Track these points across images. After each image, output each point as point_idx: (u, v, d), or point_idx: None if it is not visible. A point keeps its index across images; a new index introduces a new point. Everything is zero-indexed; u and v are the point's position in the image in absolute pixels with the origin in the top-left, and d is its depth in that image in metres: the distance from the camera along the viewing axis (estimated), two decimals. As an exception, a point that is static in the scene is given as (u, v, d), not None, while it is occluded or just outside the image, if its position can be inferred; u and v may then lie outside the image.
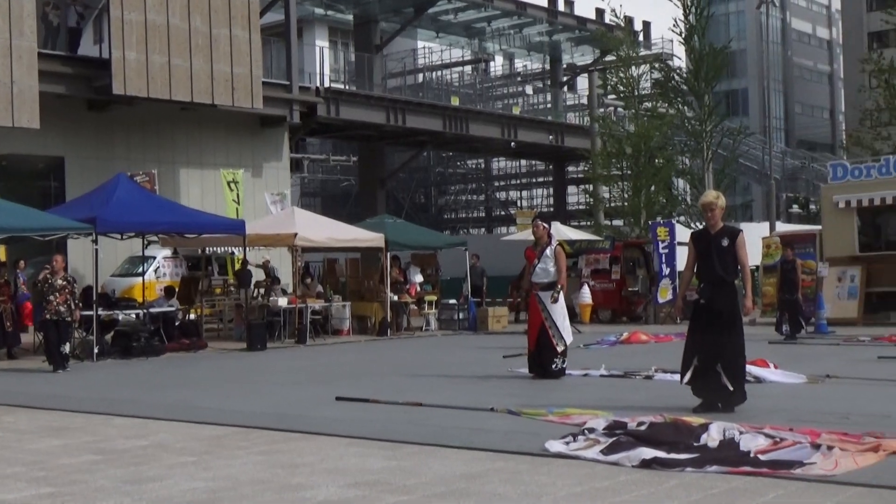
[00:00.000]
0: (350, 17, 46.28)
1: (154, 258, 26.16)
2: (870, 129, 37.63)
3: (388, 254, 24.60)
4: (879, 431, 7.78)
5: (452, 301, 27.95)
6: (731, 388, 9.56)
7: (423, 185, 63.29)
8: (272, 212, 28.00)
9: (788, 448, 7.16)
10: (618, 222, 39.91)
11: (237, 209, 27.54)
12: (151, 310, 20.55)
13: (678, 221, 32.46)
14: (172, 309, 21.23)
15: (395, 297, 25.29)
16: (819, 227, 27.44)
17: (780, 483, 6.29)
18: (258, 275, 25.44)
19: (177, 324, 21.26)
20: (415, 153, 48.65)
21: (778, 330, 21.29)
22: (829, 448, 7.00)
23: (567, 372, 13.39)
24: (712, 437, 7.50)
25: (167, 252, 26.56)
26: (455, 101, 43.85)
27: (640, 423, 7.97)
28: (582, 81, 55.21)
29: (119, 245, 24.12)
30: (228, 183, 28.31)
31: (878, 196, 24.93)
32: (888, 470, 6.51)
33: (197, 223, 21.22)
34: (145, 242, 22.52)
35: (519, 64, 59.97)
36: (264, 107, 30.74)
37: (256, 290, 24.69)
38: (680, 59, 44.83)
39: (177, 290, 23.27)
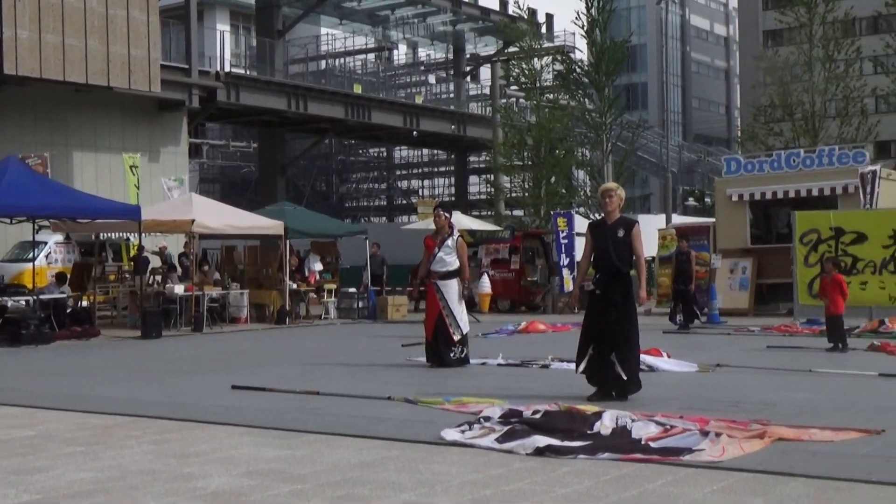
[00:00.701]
0: (252, 1, 45.73)
1: (45, 243, 25.49)
2: (763, 124, 38.55)
3: (288, 241, 24.39)
4: (766, 419, 7.99)
5: (352, 289, 27.85)
6: (625, 377, 9.70)
7: (324, 172, 62.91)
8: (169, 197, 27.51)
9: (678, 435, 7.29)
10: (518, 212, 40.25)
11: (138, 194, 27.01)
12: (42, 296, 20.01)
13: (577, 212, 32.85)
14: (64, 296, 20.73)
15: (294, 285, 25.09)
16: (713, 219, 28.04)
17: (670, 469, 6.40)
18: (154, 261, 25.00)
19: (68, 311, 20.75)
20: (316, 140, 48.33)
21: (672, 320, 21.70)
22: (717, 435, 7.15)
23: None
24: (605, 425, 7.60)
25: (59, 237, 25.91)
26: (358, 89, 43.68)
27: (535, 412, 8.04)
28: (485, 72, 55.49)
29: (9, 230, 23.48)
30: (130, 167, 27.70)
31: (769, 190, 25.56)
32: (772, 456, 6.68)
33: (90, 208, 20.72)
34: (36, 227, 21.89)
35: (422, 53, 60.00)
36: (162, 90, 30.21)
37: (152, 277, 24.25)
38: (581, 52, 45.38)
39: (69, 276, 22.71)
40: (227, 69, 38.51)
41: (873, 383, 10.88)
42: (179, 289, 22.28)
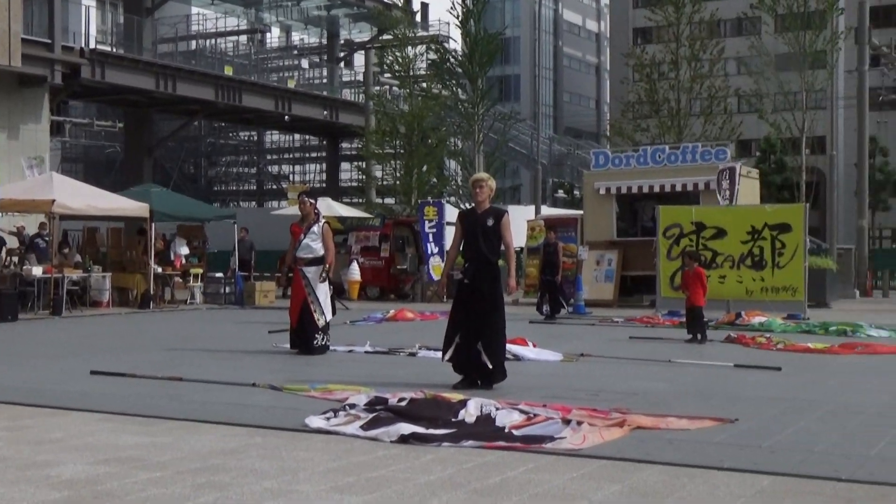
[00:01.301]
0: (120, -24, 44.51)
1: None
2: (631, 120, 39.35)
3: (153, 224, 23.85)
4: (626, 407, 8.16)
5: (219, 274, 27.43)
6: (491, 366, 9.78)
7: (193, 155, 61.77)
8: (29, 176, 26.58)
9: (541, 423, 7.39)
10: (389, 200, 40.25)
11: None
12: None
13: (448, 202, 33.03)
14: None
15: (159, 269, 24.57)
16: (581, 212, 28.52)
17: (532, 457, 6.49)
18: (12, 242, 24.13)
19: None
20: (185, 122, 47.40)
21: (539, 310, 22.03)
22: (579, 423, 7.28)
23: (332, 348, 13.40)
24: (470, 413, 7.66)
25: None
26: (229, 71, 42.99)
27: (400, 399, 8.05)
28: (359, 58, 55.25)
29: None
30: (-9, 144, 26.64)
31: (635, 184, 26.14)
32: (631, 444, 6.84)
33: (-56, 185, 19.87)
34: None
35: (296, 37, 59.38)
36: (23, 65, 29.15)
37: (8, 258, 23.41)
38: (456, 43, 45.56)
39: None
40: (92, 46, 37.39)
41: (729, 374, 11.23)
42: (38, 271, 21.57)
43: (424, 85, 39.23)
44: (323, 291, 13.35)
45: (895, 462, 6.26)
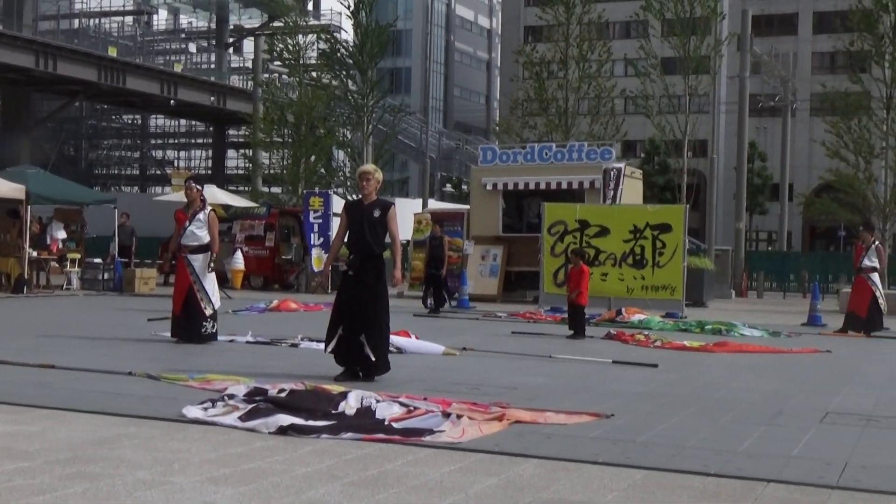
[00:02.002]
0: (0, -51, 43.01)
1: None
2: (520, 117, 39.69)
3: (29, 207, 23.14)
4: (505, 402, 8.24)
5: (97, 260, 26.77)
6: (374, 358, 9.76)
7: (73, 137, 60.15)
8: None
9: (421, 416, 7.41)
10: (276, 190, 39.86)
11: None
12: None
13: (336, 193, 32.86)
14: None
15: (35, 253, 23.87)
16: (468, 206, 28.68)
17: (411, 450, 6.49)
18: None
19: None
20: (65, 103, 46.10)
21: (423, 303, 22.09)
22: (459, 417, 7.32)
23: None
24: (350, 405, 7.63)
25: None
26: (113, 52, 41.98)
27: (280, 390, 7.97)
28: (248, 45, 54.55)
29: None
30: None
31: (522, 181, 26.39)
32: (509, 438, 6.90)
33: None
34: None
35: (184, 20, 58.34)
36: None
37: None
38: (347, 33, 45.33)
39: None
40: (-32, 20, 36.08)
41: (607, 370, 11.42)
42: None
43: (314, 74, 38.94)
44: (209, 280, 13.16)
45: (762, 458, 6.46)
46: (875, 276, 18.39)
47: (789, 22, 75.50)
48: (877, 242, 18.91)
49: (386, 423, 7.24)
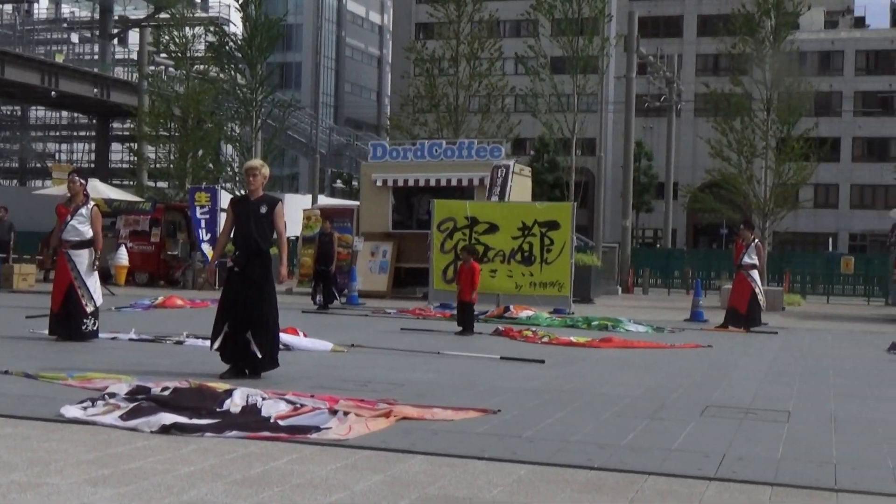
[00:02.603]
0: None
1: None
2: (410, 114, 39.69)
3: None
4: (393, 398, 8.23)
5: (-26, 256, 25.92)
6: (260, 355, 9.66)
7: (-52, 128, 58.11)
8: None
9: (307, 414, 7.35)
10: (162, 184, 39.12)
11: None
12: None
13: (224, 188, 32.40)
14: None
15: None
16: (358, 202, 28.58)
17: (296, 447, 6.44)
18: None
19: None
20: (-60, 92, 44.45)
21: (312, 299, 21.95)
22: (346, 414, 7.28)
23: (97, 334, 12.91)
24: (235, 403, 7.53)
25: None
26: (-9, 41, 40.62)
27: (164, 389, 7.83)
28: (133, 36, 53.40)
29: None
30: None
31: (412, 177, 26.42)
32: (396, 434, 6.89)
33: None
34: None
35: (66, 9, 56.81)
36: None
37: None
38: (236, 26, 44.70)
39: None
40: None
41: (496, 366, 11.50)
42: None
43: (202, 67, 38.29)
44: (91, 276, 12.84)
45: (644, 451, 6.58)
46: (755, 273, 18.91)
47: (674, 24, 77.17)
48: (756, 240, 19.45)
49: (272, 420, 7.17)
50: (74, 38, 53.46)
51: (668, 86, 47.79)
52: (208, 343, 10.21)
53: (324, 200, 46.68)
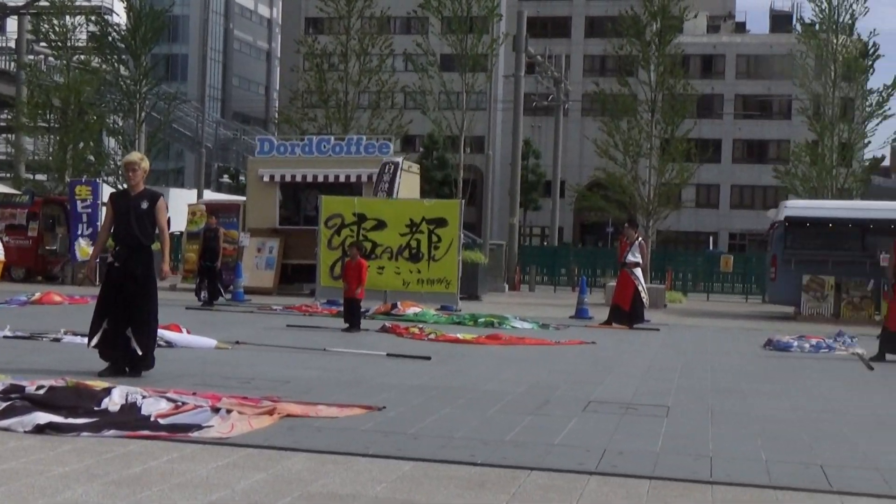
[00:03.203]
0: None
1: None
2: (300, 109, 39.40)
3: None
4: (277, 396, 8.15)
5: None
6: (141, 353, 9.46)
7: None
8: None
9: (189, 412, 7.22)
10: (41, 177, 38.05)
11: None
12: None
13: (105, 182, 31.66)
14: None
15: None
16: (245, 198, 28.24)
17: (177, 446, 6.32)
18: None
19: None
20: None
21: (197, 296, 21.62)
22: (228, 412, 7.18)
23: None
24: (114, 402, 7.35)
25: None
26: None
27: (39, 387, 7.59)
28: (11, 24, 51.75)
29: None
30: None
31: (300, 173, 26.20)
32: (279, 432, 6.83)
33: None
34: None
35: (-60, -5, 54.72)
36: None
37: None
38: (119, 16, 43.70)
39: None
40: None
41: (382, 363, 11.48)
42: None
43: (83, 58, 37.32)
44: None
45: (527, 446, 6.64)
46: (638, 271, 19.27)
47: (563, 25, 78.14)
48: (640, 239, 19.83)
49: (152, 419, 7.02)
50: (-52, 24, 51.69)
51: (555, 85, 48.37)
52: (86, 340, 9.95)
53: (210, 195, 46.00)
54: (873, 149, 39.07)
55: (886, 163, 69.38)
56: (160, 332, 10.50)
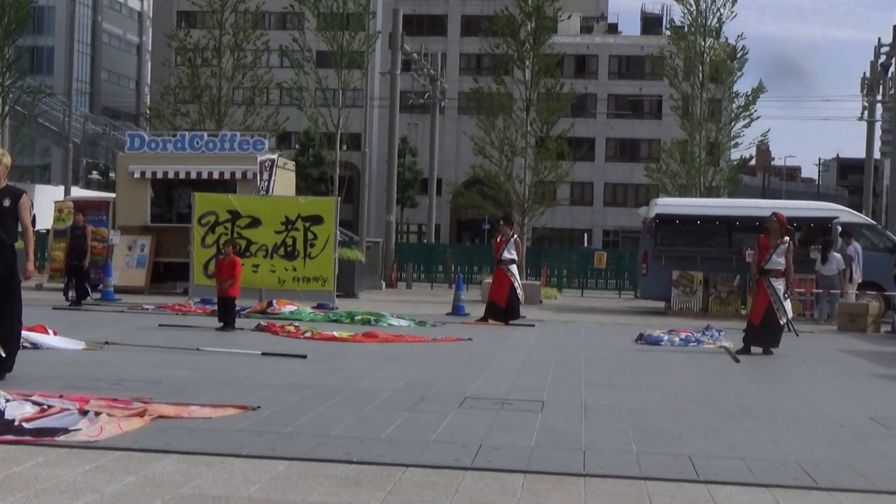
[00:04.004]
0: None
1: None
2: (172, 104, 38.62)
3: None
4: (148, 397, 7.98)
5: None
6: (5, 355, 9.15)
7: None
8: None
9: (55, 415, 7.01)
10: None
11: None
12: None
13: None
14: None
15: None
16: (114, 195, 27.56)
17: (42, 451, 6.13)
18: None
19: None
20: None
21: (65, 295, 21.02)
22: (97, 414, 7.00)
23: None
24: (-25, 406, 7.08)
25: None
26: None
27: None
28: None
29: None
30: None
31: (172, 169, 25.66)
32: (151, 434, 6.68)
33: None
34: None
35: None
36: None
37: None
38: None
39: None
40: None
41: (257, 361, 11.35)
42: None
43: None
44: None
45: (403, 443, 6.64)
46: (514, 268, 19.48)
47: (439, 23, 78.53)
48: (515, 236, 20.05)
49: (16, 423, 6.79)
50: None
51: (432, 83, 48.56)
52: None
53: (78, 192, 44.75)
54: (741, 149, 40.21)
55: (754, 162, 71.81)
56: (25, 333, 10.18)
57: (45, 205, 29.16)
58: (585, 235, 73.28)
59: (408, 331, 16.46)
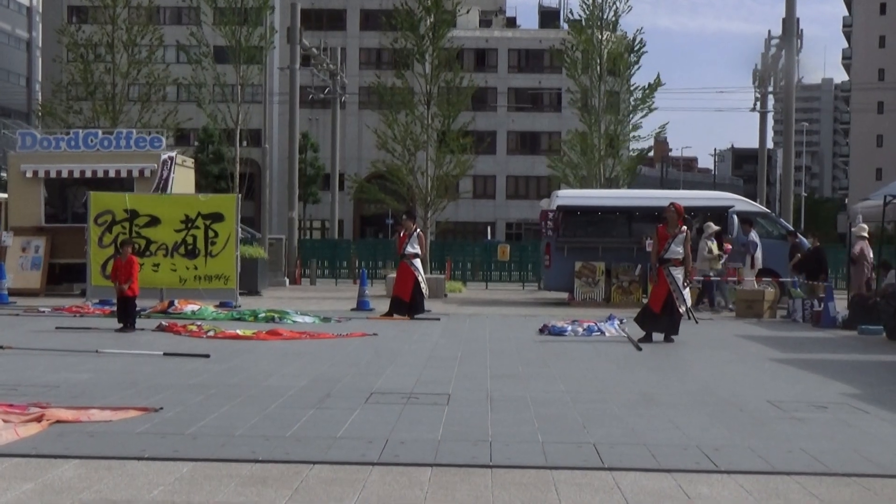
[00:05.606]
0: None
1: None
2: (64, 101, 37.68)
3: None
4: (46, 402, 7.79)
5: None
6: None
7: None
8: None
9: (-53, 423, 6.79)
10: None
11: None
12: None
13: None
14: None
15: None
16: (6, 195, 26.82)
17: (-66, 461, 5.93)
18: None
19: None
20: None
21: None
22: (-8, 421, 6.80)
23: None
24: None
25: None
26: None
27: None
28: None
29: None
30: None
31: (66, 168, 25.09)
32: (48, 439, 6.52)
33: None
34: None
35: None
36: None
37: None
38: None
39: None
40: None
41: (158, 362, 11.16)
42: None
43: None
44: None
45: (310, 441, 6.59)
46: (417, 262, 19.47)
47: (338, 17, 78.08)
48: (418, 230, 20.04)
49: None
50: None
51: (332, 78, 48.26)
52: None
53: (-31, 193, 43.39)
54: (640, 141, 40.81)
55: (652, 154, 73.00)
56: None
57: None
58: (489, 228, 73.67)
59: (312, 327, 16.36)
